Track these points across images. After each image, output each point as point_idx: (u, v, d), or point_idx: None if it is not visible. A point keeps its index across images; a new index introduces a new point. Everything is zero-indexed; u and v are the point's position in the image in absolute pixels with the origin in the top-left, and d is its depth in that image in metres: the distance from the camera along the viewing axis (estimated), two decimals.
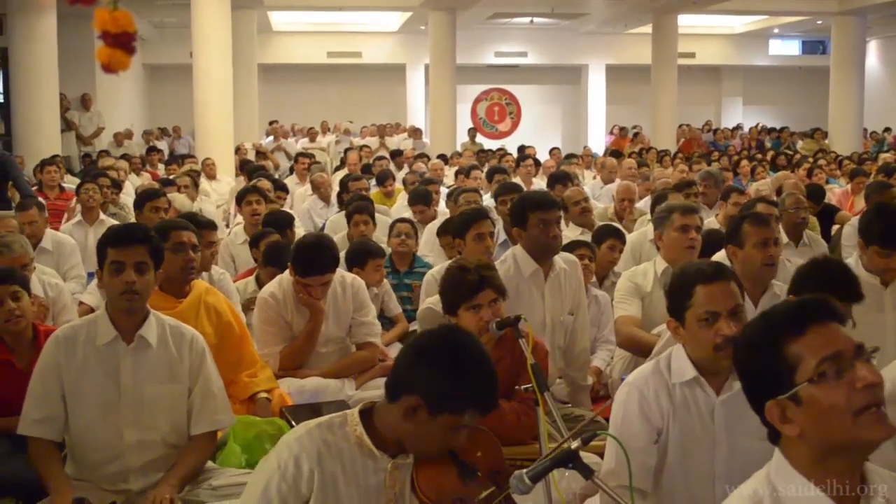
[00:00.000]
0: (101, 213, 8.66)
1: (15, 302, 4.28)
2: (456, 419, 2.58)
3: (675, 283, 3.18)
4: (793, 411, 1.92)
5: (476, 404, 2.60)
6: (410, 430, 2.62)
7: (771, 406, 1.94)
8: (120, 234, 3.71)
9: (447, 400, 2.56)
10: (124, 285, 3.57)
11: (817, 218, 8.58)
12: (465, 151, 17.55)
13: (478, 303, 3.98)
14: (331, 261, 4.95)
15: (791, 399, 1.91)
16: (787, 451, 1.98)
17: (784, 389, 1.92)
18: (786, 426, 1.93)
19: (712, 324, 3.01)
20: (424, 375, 2.60)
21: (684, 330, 3.09)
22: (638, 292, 5.35)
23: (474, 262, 4.20)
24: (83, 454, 3.64)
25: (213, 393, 3.77)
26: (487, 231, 5.46)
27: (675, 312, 3.13)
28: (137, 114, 22.30)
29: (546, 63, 26.77)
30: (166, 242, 4.56)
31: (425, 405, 2.57)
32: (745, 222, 4.67)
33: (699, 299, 3.04)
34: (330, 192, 10.99)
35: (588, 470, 2.47)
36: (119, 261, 3.58)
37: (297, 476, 2.61)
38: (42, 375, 3.62)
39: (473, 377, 2.59)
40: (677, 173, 11.47)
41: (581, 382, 5.06)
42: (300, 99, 24.59)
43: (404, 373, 2.66)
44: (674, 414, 3.07)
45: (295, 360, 5.04)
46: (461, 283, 4.01)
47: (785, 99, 27.79)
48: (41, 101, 14.03)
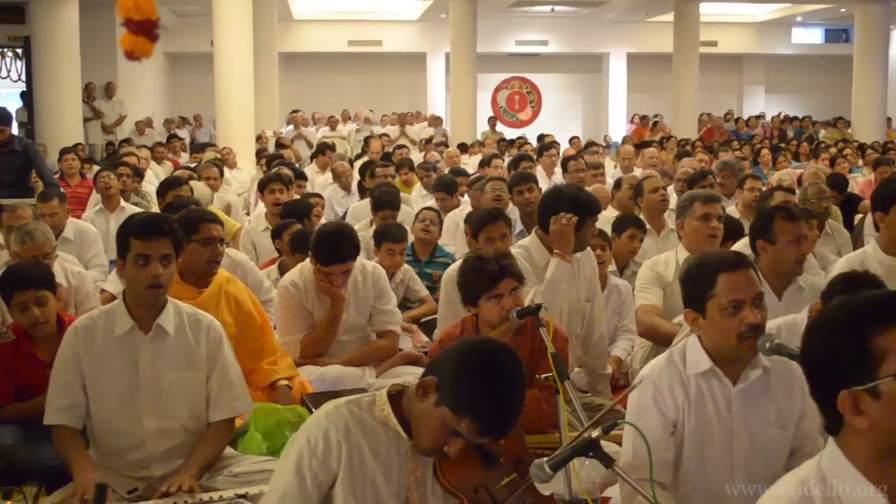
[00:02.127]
0: (121, 200, 8.70)
1: (40, 308, 4.29)
2: (454, 419, 2.53)
3: (693, 273, 3.12)
4: (867, 404, 1.85)
5: (478, 417, 2.53)
6: (416, 411, 2.63)
7: (844, 396, 1.87)
8: (146, 226, 3.64)
9: (456, 396, 2.54)
10: (151, 279, 3.56)
11: (840, 208, 8.52)
12: (486, 140, 17.51)
13: (498, 292, 3.96)
14: (351, 249, 4.95)
15: (868, 392, 1.85)
16: (848, 443, 1.92)
17: (863, 381, 1.85)
18: (857, 418, 1.87)
19: (737, 313, 2.96)
20: (452, 365, 2.60)
21: (704, 321, 3.05)
22: (659, 281, 5.33)
23: (491, 251, 4.19)
24: (105, 442, 3.66)
25: (231, 380, 3.78)
26: (499, 234, 5.38)
27: (694, 303, 3.08)
28: (159, 102, 22.37)
29: (567, 51, 26.67)
30: (196, 235, 4.58)
31: (437, 391, 2.58)
32: (778, 218, 4.57)
33: (722, 288, 2.98)
34: (351, 180, 11.01)
35: (608, 459, 2.46)
36: (145, 254, 3.57)
37: (326, 451, 2.63)
38: (63, 365, 3.64)
39: (491, 394, 2.54)
40: (697, 163, 11.39)
41: (600, 371, 5.04)
42: (321, 87, 24.60)
43: (441, 357, 2.68)
44: (689, 406, 3.05)
45: (316, 348, 5.05)
46: (480, 273, 3.99)
47: (808, 88, 27.59)
48: (63, 90, 14.09)
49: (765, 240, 4.54)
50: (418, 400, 2.62)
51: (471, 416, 2.53)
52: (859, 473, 1.89)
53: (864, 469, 1.89)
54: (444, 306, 5.16)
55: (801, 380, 3.03)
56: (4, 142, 9.53)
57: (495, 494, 2.70)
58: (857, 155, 15.30)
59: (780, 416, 3.07)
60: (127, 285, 3.70)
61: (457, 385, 2.55)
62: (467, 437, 2.55)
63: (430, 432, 2.60)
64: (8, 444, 4.19)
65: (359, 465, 2.65)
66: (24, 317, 4.31)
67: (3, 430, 4.25)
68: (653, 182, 7.12)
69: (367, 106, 22.25)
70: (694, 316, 3.08)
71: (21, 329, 4.37)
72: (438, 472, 2.69)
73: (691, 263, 3.21)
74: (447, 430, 2.56)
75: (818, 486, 1.92)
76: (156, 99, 22.18)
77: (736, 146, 16.73)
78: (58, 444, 3.63)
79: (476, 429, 2.54)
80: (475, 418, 2.53)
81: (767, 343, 2.91)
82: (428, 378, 2.62)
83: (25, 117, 16.35)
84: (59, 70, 14.06)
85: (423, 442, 2.63)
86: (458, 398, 2.54)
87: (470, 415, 2.52)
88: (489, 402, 2.53)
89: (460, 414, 2.53)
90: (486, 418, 2.54)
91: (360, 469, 2.65)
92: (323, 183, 11.74)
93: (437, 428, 2.57)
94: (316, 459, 2.63)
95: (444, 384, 2.57)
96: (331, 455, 2.63)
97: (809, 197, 7.16)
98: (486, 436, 2.57)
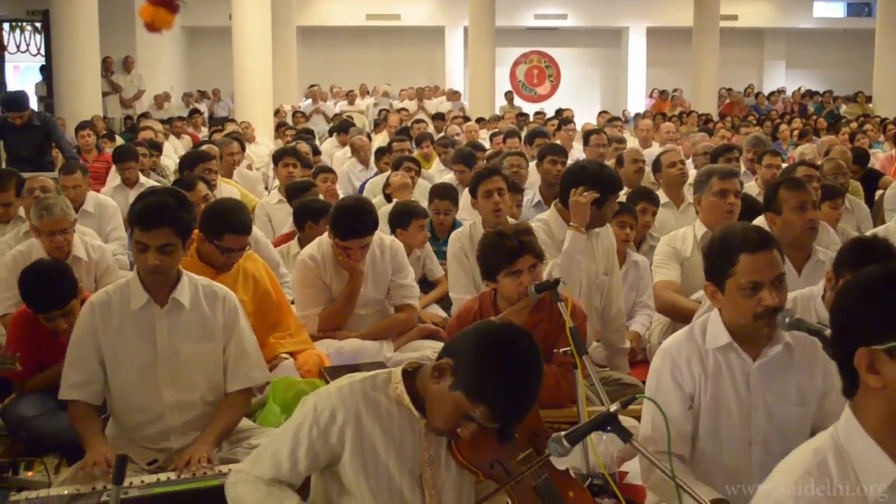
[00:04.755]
0: (140, 175, 8.72)
1: (67, 319, 4.29)
2: (468, 405, 2.53)
3: (716, 248, 3.09)
4: (883, 363, 1.88)
5: (493, 406, 2.52)
6: (431, 392, 2.62)
7: (862, 353, 1.89)
8: (144, 215, 3.57)
9: (471, 383, 2.53)
10: (149, 265, 3.56)
11: (861, 182, 8.47)
12: (505, 114, 17.45)
13: (517, 268, 3.95)
14: (370, 223, 4.95)
15: (887, 352, 1.87)
16: (861, 405, 1.94)
17: (884, 341, 1.87)
18: (871, 376, 1.89)
19: (755, 293, 2.94)
20: (469, 351, 2.58)
21: (723, 296, 3.03)
22: (677, 257, 5.32)
23: (512, 227, 4.17)
24: (124, 415, 3.68)
25: (248, 350, 3.79)
26: (496, 188, 5.46)
27: (715, 277, 3.06)
28: (177, 76, 22.39)
29: (586, 25, 26.46)
30: (217, 241, 4.53)
31: (452, 374, 2.57)
32: (781, 188, 4.60)
33: (743, 268, 2.96)
34: (369, 155, 11.00)
35: (626, 433, 2.47)
36: (143, 242, 3.55)
37: (329, 424, 2.64)
38: (79, 341, 3.65)
39: (508, 384, 2.52)
40: (718, 139, 11.32)
41: (619, 345, 5.04)
42: (339, 61, 24.53)
43: (459, 339, 2.66)
44: (706, 380, 3.04)
45: (334, 322, 5.07)
46: (500, 248, 3.97)
47: (829, 62, 27.28)
48: (82, 64, 14.08)
49: (772, 211, 4.57)
50: (434, 382, 2.61)
51: (486, 403, 2.52)
52: (872, 441, 1.90)
53: (876, 434, 1.91)
54: (453, 266, 5.39)
55: (824, 357, 3.01)
56: (25, 122, 9.59)
57: (511, 469, 2.71)
58: (879, 130, 15.17)
59: (800, 393, 3.06)
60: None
61: (473, 372, 2.53)
62: (481, 422, 2.54)
63: (443, 414, 2.60)
64: (29, 416, 4.25)
65: (370, 447, 2.65)
66: (53, 325, 4.34)
67: (25, 402, 4.32)
68: (671, 156, 7.09)
69: (385, 80, 22.22)
70: (713, 290, 3.07)
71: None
72: (453, 447, 2.69)
73: (714, 237, 3.18)
74: (461, 414, 2.56)
75: (832, 454, 1.94)
76: (174, 73, 22.19)
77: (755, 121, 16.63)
78: (72, 418, 3.66)
79: (490, 416, 2.53)
80: (490, 406, 2.52)
81: (787, 318, 2.89)
82: (444, 360, 2.61)
83: (45, 91, 16.40)
84: (78, 44, 14.04)
85: (436, 422, 2.64)
86: (474, 385, 2.52)
87: (485, 403, 2.52)
88: (505, 391, 2.52)
89: (475, 400, 2.52)
90: (500, 407, 2.53)
91: (371, 450, 2.65)
92: (341, 157, 11.77)
93: (450, 411, 2.58)
94: (317, 428, 2.64)
95: (460, 369, 2.56)
96: (332, 429, 2.64)
97: (826, 173, 7.12)
98: (499, 423, 2.57)
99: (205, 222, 4.58)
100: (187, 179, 6.15)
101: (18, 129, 9.63)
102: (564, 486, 2.79)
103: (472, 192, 5.59)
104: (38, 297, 4.33)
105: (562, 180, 5.00)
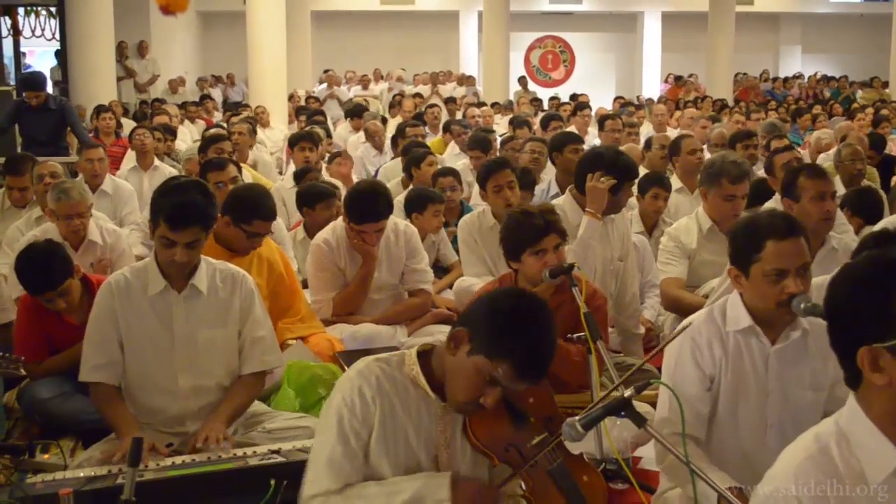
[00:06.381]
0: (155, 158, 8.76)
1: (64, 299, 4.32)
2: (490, 365, 2.51)
3: (742, 232, 3.07)
4: (887, 361, 1.84)
5: (515, 360, 2.51)
6: (449, 364, 2.61)
7: (864, 352, 1.86)
8: (175, 215, 3.51)
9: (489, 341, 2.52)
10: (174, 262, 3.55)
11: (877, 168, 8.42)
12: (519, 100, 17.42)
13: (542, 247, 3.94)
14: (385, 207, 4.96)
15: (889, 349, 1.84)
16: (866, 398, 1.92)
17: (885, 338, 1.84)
18: (875, 374, 1.86)
19: (779, 281, 2.92)
20: (483, 314, 2.59)
21: (747, 281, 3.01)
22: (684, 251, 5.28)
23: (537, 206, 4.17)
24: (141, 399, 3.68)
25: (262, 334, 3.79)
26: (506, 182, 5.43)
27: (740, 262, 3.04)
28: (191, 61, 22.41)
29: (601, 10, 26.37)
30: (246, 226, 4.59)
31: (469, 340, 2.56)
32: (802, 175, 4.57)
33: (769, 254, 2.94)
34: (383, 140, 11.00)
35: (640, 418, 2.47)
36: (171, 239, 3.53)
37: (364, 408, 2.62)
38: (99, 322, 3.65)
39: (527, 334, 2.53)
40: (732, 124, 11.26)
41: (633, 331, 5.05)
42: (353, 46, 24.49)
43: (471, 308, 2.66)
44: (726, 362, 3.03)
45: (348, 307, 5.08)
46: (525, 227, 3.96)
47: (845, 47, 27.12)
48: (97, 48, 14.11)
49: (790, 198, 4.55)
50: (450, 353, 2.60)
51: (508, 358, 2.50)
52: (876, 427, 1.89)
53: (880, 425, 1.88)
54: (465, 252, 5.45)
55: None
56: (41, 104, 9.63)
57: (525, 453, 2.71)
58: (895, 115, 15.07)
59: (814, 378, 3.05)
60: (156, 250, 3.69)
61: (491, 331, 2.53)
62: (504, 382, 2.52)
63: (465, 383, 2.57)
64: (45, 398, 4.28)
65: (391, 419, 2.65)
66: (52, 306, 4.35)
67: (41, 385, 4.34)
68: (692, 143, 7.05)
69: (400, 65, 22.19)
70: (737, 273, 3.05)
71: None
72: (469, 430, 2.69)
73: (742, 222, 3.16)
74: (483, 379, 2.54)
75: (835, 440, 1.92)
76: (188, 58, 22.21)
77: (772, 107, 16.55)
78: (98, 402, 3.66)
79: (514, 372, 2.51)
80: (513, 361, 2.50)
81: (802, 304, 2.89)
82: (459, 329, 2.60)
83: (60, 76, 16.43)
84: (93, 29, 14.07)
85: (458, 395, 2.61)
86: (494, 343, 2.51)
87: (507, 357, 2.50)
88: (525, 342, 2.51)
89: (497, 358, 2.50)
90: (523, 360, 2.52)
91: (391, 423, 2.65)
92: (355, 142, 11.77)
93: (472, 378, 2.55)
94: (356, 419, 2.62)
95: (476, 333, 2.55)
96: (368, 411, 2.63)
97: (843, 159, 7.07)
98: (523, 378, 2.54)
99: (234, 207, 4.64)
100: (217, 161, 6.19)
101: (34, 113, 9.67)
102: (578, 470, 2.80)
103: (482, 184, 5.57)
104: (32, 280, 4.33)
105: (578, 166, 5.00)
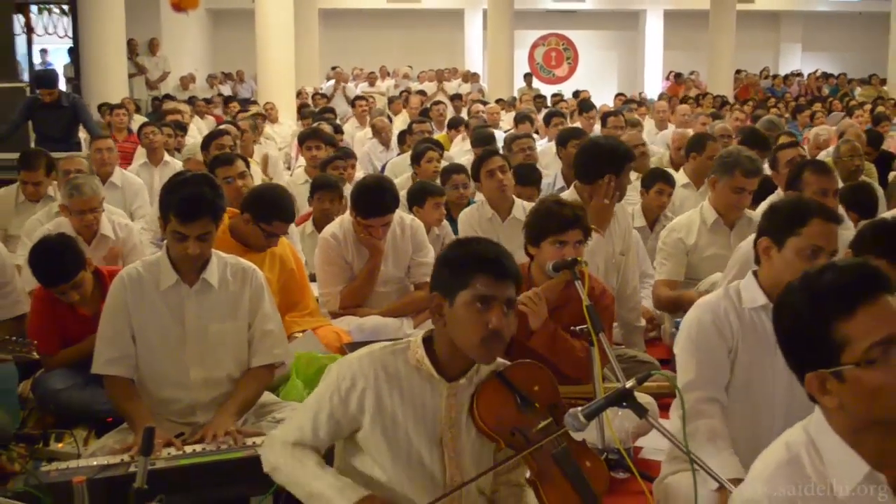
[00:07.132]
0: (165, 154, 8.84)
1: (77, 291, 4.39)
2: (471, 293, 2.59)
3: (789, 205, 3.15)
4: (833, 385, 1.87)
5: (482, 268, 2.61)
6: (446, 330, 2.68)
7: (811, 378, 1.89)
8: (184, 208, 3.55)
9: (455, 278, 2.63)
10: (187, 255, 3.60)
11: (874, 164, 8.46)
12: (522, 97, 17.45)
13: (565, 239, 4.01)
14: (391, 201, 5.02)
15: (834, 375, 1.86)
16: (827, 412, 1.94)
17: (827, 365, 1.86)
18: (825, 398, 1.89)
19: (813, 258, 2.98)
20: (438, 271, 2.73)
21: (778, 253, 3.06)
22: (682, 248, 5.33)
23: (570, 200, 4.25)
24: (152, 390, 3.72)
25: (271, 328, 3.84)
26: (497, 166, 5.71)
27: (776, 233, 3.08)
28: (201, 58, 22.46)
29: (604, 8, 26.42)
30: (266, 225, 4.67)
31: (442, 296, 2.65)
32: (807, 170, 4.60)
33: (812, 231, 3.01)
34: (390, 136, 11.05)
35: (642, 409, 2.51)
36: (182, 233, 3.57)
37: (349, 391, 2.70)
38: (112, 315, 3.68)
39: (474, 247, 2.69)
40: (732, 121, 11.30)
41: (635, 323, 5.10)
42: (360, 44, 24.53)
43: (433, 277, 2.79)
44: (743, 336, 3.06)
45: (355, 299, 5.14)
46: (555, 215, 4.04)
47: (845, 45, 27.07)
48: (109, 46, 14.16)
49: (793, 190, 4.58)
50: (440, 322, 2.69)
51: (478, 270, 2.61)
52: (840, 439, 1.91)
53: (844, 437, 1.90)
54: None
55: None
56: (54, 101, 9.70)
57: (531, 438, 2.74)
58: (893, 112, 15.09)
59: None
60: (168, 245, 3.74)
61: (451, 270, 2.66)
62: (491, 292, 2.59)
63: (466, 329, 2.62)
64: (58, 388, 4.33)
65: (389, 413, 2.70)
66: (65, 299, 4.41)
67: (55, 376, 4.39)
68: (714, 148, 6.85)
69: (406, 62, 22.23)
70: (769, 245, 3.09)
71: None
72: (475, 414, 2.75)
73: (790, 197, 3.23)
74: (476, 311, 2.60)
75: (805, 449, 1.94)
76: (198, 55, 22.27)
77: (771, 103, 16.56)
78: (113, 395, 3.68)
79: (489, 277, 2.61)
80: (482, 269, 2.61)
81: None
82: (432, 296, 2.71)
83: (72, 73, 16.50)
84: (105, 26, 14.11)
85: (472, 341, 2.64)
86: (460, 274, 2.63)
87: (477, 270, 2.61)
88: (480, 251, 2.66)
89: (470, 282, 2.60)
90: (488, 260, 2.63)
91: (390, 416, 2.70)
92: (362, 138, 11.81)
93: (467, 318, 2.61)
94: (338, 396, 2.71)
95: (442, 285, 2.67)
96: (352, 397, 2.70)
97: (842, 155, 7.09)
98: (502, 275, 2.63)
99: (256, 205, 4.71)
100: (225, 156, 6.26)
101: (47, 109, 9.72)
102: (582, 456, 2.83)
103: (476, 175, 5.84)
104: (45, 272, 4.39)
105: (577, 158, 5.06)
